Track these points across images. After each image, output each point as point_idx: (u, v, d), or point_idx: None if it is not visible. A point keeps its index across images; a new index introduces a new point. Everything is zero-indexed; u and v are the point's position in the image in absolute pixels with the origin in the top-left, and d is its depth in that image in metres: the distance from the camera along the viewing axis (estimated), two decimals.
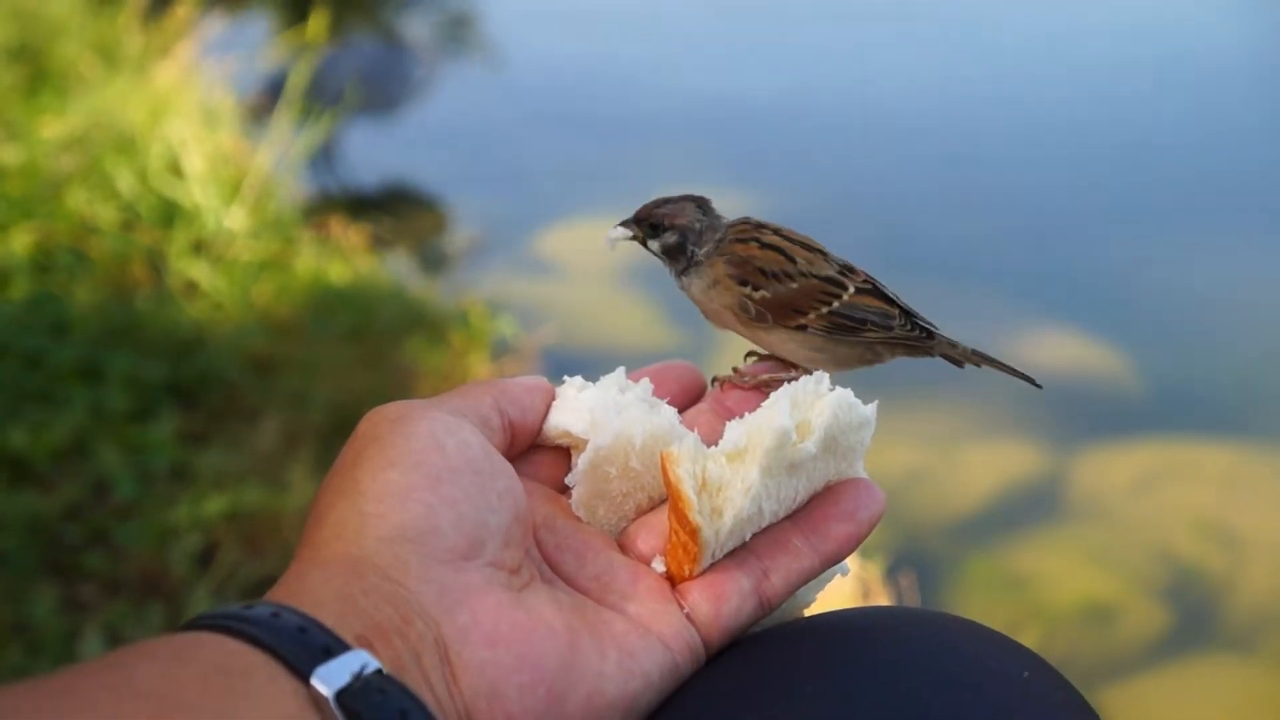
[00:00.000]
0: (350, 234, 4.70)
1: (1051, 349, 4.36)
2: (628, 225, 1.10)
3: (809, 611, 0.92)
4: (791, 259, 1.05)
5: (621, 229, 1.10)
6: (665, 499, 0.86)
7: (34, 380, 3.29)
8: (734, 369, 1.04)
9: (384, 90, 5.91)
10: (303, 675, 0.67)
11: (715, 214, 1.08)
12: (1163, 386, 4.33)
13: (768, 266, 1.04)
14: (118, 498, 3.01)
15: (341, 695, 0.67)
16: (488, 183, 5.72)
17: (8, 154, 4.34)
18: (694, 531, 0.82)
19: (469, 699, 0.73)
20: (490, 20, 8.19)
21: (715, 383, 1.01)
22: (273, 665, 0.67)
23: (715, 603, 0.83)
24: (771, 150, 6.08)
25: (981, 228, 5.32)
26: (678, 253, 1.07)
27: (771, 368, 1.06)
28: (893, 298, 1.08)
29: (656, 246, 1.08)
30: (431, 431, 0.81)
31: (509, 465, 0.84)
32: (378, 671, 0.69)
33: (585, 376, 0.94)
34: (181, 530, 2.92)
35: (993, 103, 6.62)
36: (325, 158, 5.73)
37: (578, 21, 7.59)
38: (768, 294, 1.03)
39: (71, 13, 5.67)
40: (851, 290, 1.05)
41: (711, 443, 0.85)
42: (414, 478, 0.78)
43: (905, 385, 3.89)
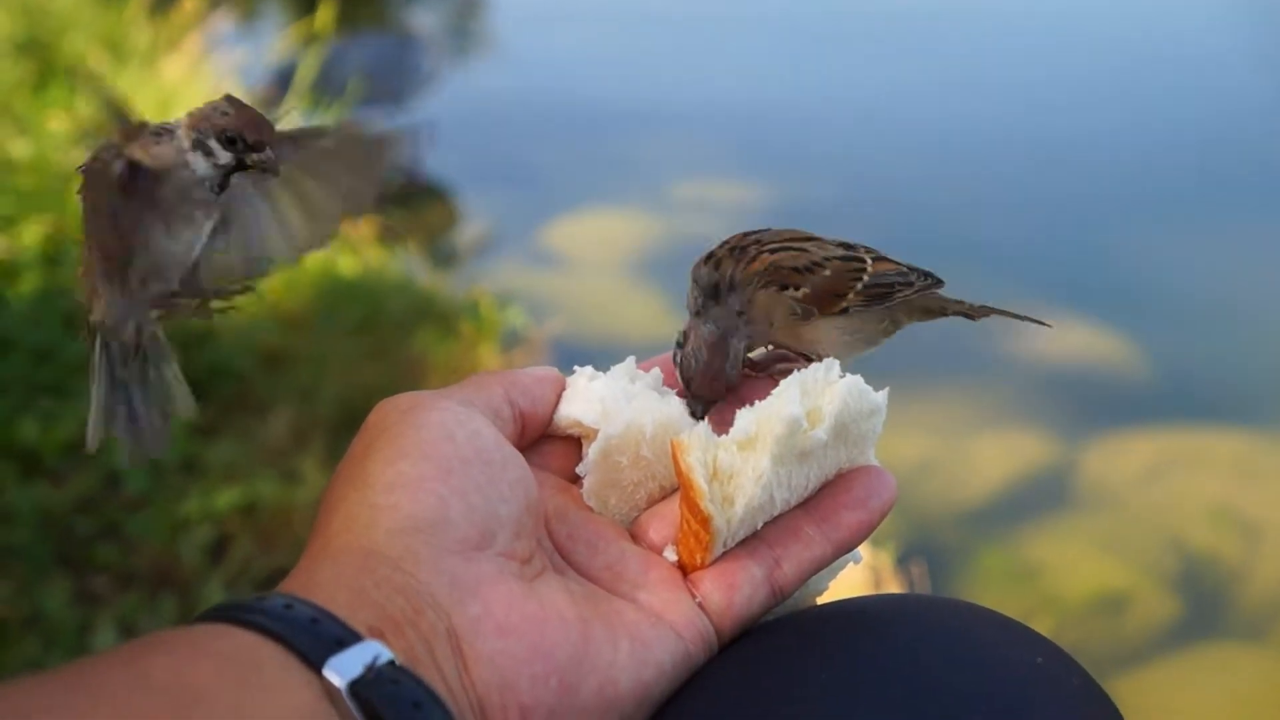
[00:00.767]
0: (359, 226, 4.69)
1: (1062, 338, 4.34)
2: (699, 410, 0.96)
3: (821, 600, 0.92)
4: (804, 250, 1.03)
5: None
6: (677, 488, 0.86)
7: (45, 374, 3.30)
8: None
9: (392, 83, 5.91)
10: (316, 666, 0.67)
11: (725, 312, 1.02)
12: (1173, 375, 4.31)
13: (795, 263, 1.01)
14: (129, 490, 3.02)
15: (355, 686, 0.67)
16: (497, 174, 5.72)
17: (17, 148, 4.34)
18: (705, 520, 0.82)
19: (481, 690, 0.73)
20: (498, 12, 8.19)
21: None
22: (286, 657, 0.67)
23: (727, 591, 0.83)
24: (778, 143, 6.07)
25: (991, 218, 5.31)
26: (732, 336, 0.98)
27: (780, 356, 1.05)
28: (895, 259, 1.07)
29: (736, 360, 0.99)
30: (442, 422, 0.81)
31: (520, 456, 0.83)
32: (390, 663, 0.69)
33: (595, 367, 0.94)
34: (193, 523, 2.92)
35: (1002, 93, 6.60)
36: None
37: (586, 14, 7.59)
38: (808, 289, 1.01)
39: (79, 7, 5.68)
40: (870, 260, 1.04)
41: (722, 431, 0.85)
42: (425, 469, 0.78)
43: (916, 374, 3.89)
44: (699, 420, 0.92)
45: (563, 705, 0.74)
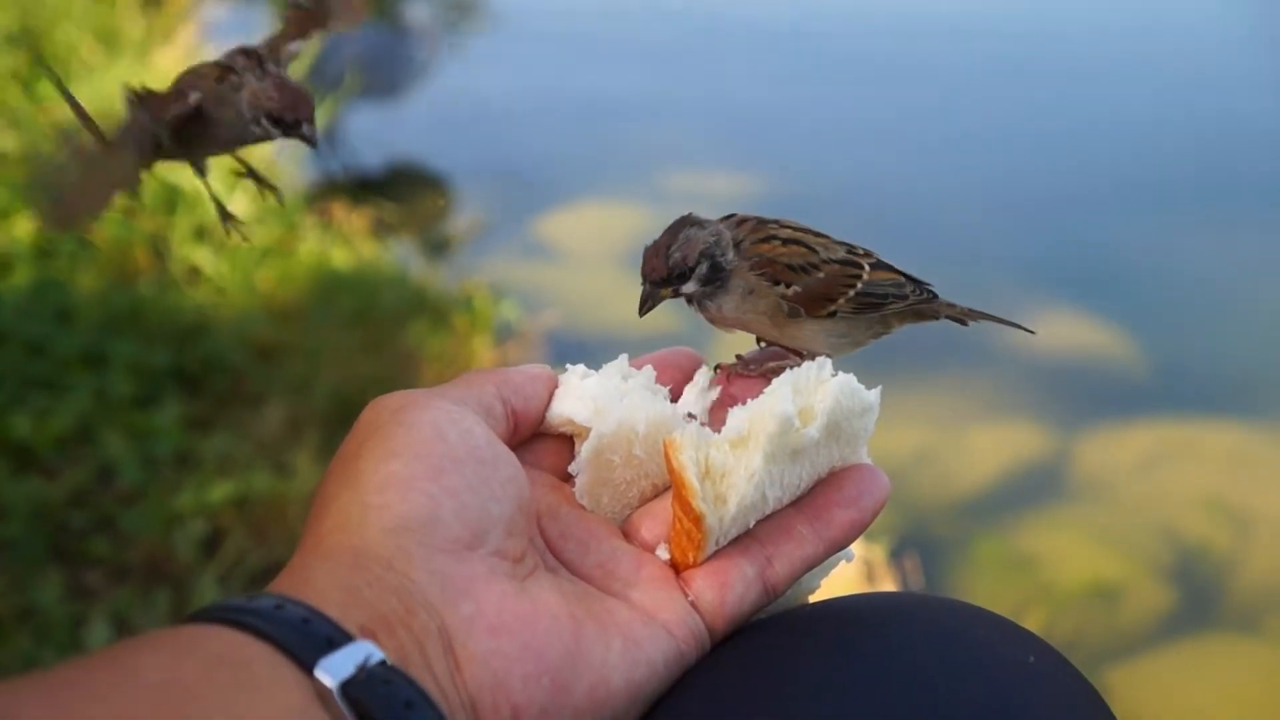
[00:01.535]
0: (353, 219, 4.69)
1: (1055, 330, 4.34)
2: (651, 296, 1.01)
3: (814, 598, 0.92)
4: (813, 249, 1.04)
5: (650, 302, 1.01)
6: (669, 486, 0.86)
7: (38, 367, 3.29)
8: (736, 356, 1.04)
9: (386, 74, 5.88)
10: (307, 667, 0.67)
11: (709, 221, 1.05)
12: (1167, 366, 4.32)
13: (794, 261, 1.03)
14: (123, 484, 3.01)
15: (346, 686, 0.67)
16: (491, 167, 5.70)
17: (9, 140, 4.33)
18: (698, 519, 0.82)
19: (473, 689, 0.73)
20: (492, 3, 8.17)
21: (718, 370, 1.00)
22: (277, 657, 0.67)
23: (720, 590, 0.83)
24: (773, 134, 6.06)
25: (984, 209, 5.30)
26: (714, 275, 1.01)
27: (774, 354, 1.05)
28: (896, 266, 1.08)
29: (693, 286, 1.02)
30: (434, 421, 0.81)
31: (512, 454, 0.83)
32: (382, 663, 0.69)
33: (588, 361, 0.94)
34: (187, 516, 2.92)
35: (995, 85, 6.59)
36: (327, 142, 5.71)
37: (580, 6, 7.57)
38: (799, 289, 1.02)
39: None
40: (868, 268, 1.05)
41: (714, 430, 0.85)
42: (416, 468, 0.78)
43: (910, 366, 3.89)
44: (641, 312, 0.96)
45: (555, 704, 0.74)
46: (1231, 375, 4.27)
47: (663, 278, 0.99)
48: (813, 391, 0.86)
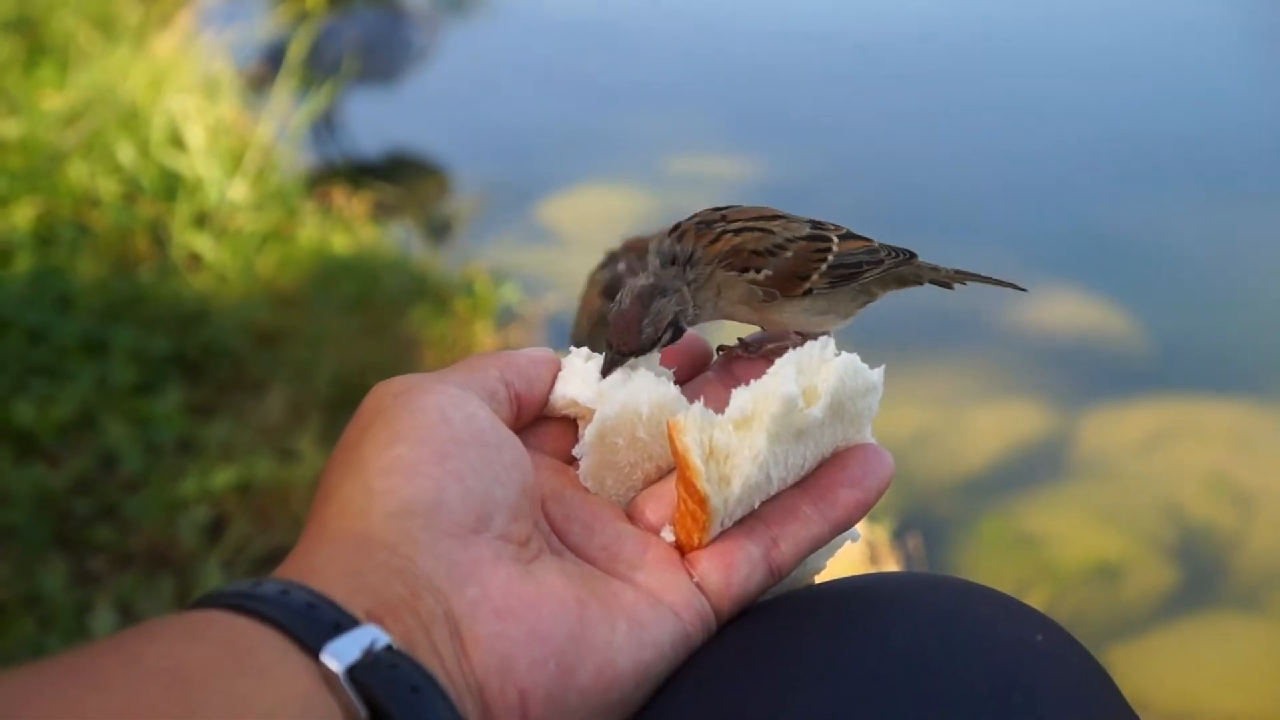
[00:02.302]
0: (353, 204, 4.69)
1: (1057, 308, 4.34)
2: (620, 360, 0.94)
3: (819, 578, 0.92)
4: (769, 231, 1.02)
5: (617, 365, 0.94)
6: (673, 468, 0.86)
7: (39, 355, 3.29)
8: (739, 339, 1.04)
9: (384, 58, 5.87)
10: (313, 652, 0.67)
11: (646, 242, 1.02)
12: (1169, 344, 4.31)
13: (757, 246, 1.00)
14: (125, 471, 3.02)
15: (352, 671, 0.67)
16: (490, 150, 5.70)
17: (8, 128, 4.32)
18: (702, 500, 0.82)
19: (480, 673, 0.72)
20: None
21: (720, 351, 1.00)
22: (283, 642, 0.67)
23: (725, 571, 0.83)
24: (773, 113, 6.05)
25: (985, 187, 5.30)
26: (676, 337, 0.98)
27: (776, 336, 1.05)
28: (866, 237, 1.06)
29: (656, 351, 0.97)
30: (438, 405, 0.80)
31: (516, 438, 0.83)
32: (388, 647, 0.68)
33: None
34: (190, 503, 2.92)
35: (998, 62, 6.58)
36: (326, 127, 5.71)
37: None
38: (770, 271, 1.00)
39: None
40: (836, 240, 1.04)
41: (718, 412, 0.85)
42: (420, 452, 0.77)
43: (912, 345, 3.89)
44: (604, 375, 0.92)
45: (561, 687, 0.74)
46: (1234, 353, 4.27)
47: (633, 350, 0.95)
48: (816, 371, 0.85)
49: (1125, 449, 3.86)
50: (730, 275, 0.99)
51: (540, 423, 0.91)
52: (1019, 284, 1.13)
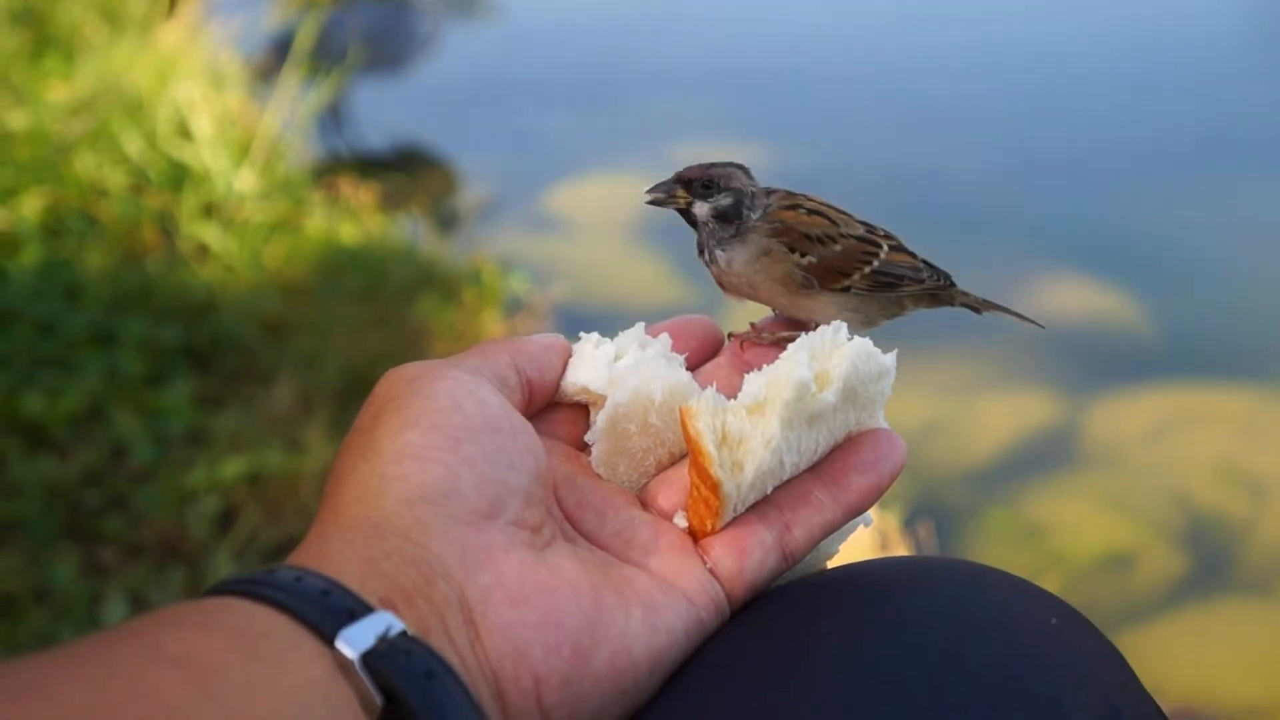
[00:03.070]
0: (360, 194, 4.68)
1: (1065, 297, 4.33)
2: (667, 188, 1.04)
3: (832, 563, 0.91)
4: (834, 222, 1.05)
5: (663, 192, 1.04)
6: (686, 454, 0.85)
7: (48, 347, 3.30)
8: (750, 324, 1.03)
9: (391, 48, 5.87)
10: (328, 638, 0.67)
11: (756, 182, 1.07)
12: (1177, 332, 4.30)
13: (812, 231, 1.03)
14: (135, 462, 3.02)
15: (367, 657, 0.67)
16: (497, 140, 5.69)
17: (15, 119, 4.32)
18: (715, 486, 0.82)
19: (494, 660, 0.72)
20: None
21: (731, 338, 1.00)
22: (297, 629, 0.67)
23: (738, 557, 0.83)
24: (782, 106, 6.04)
25: (995, 177, 5.29)
26: (732, 216, 1.03)
27: (788, 323, 1.05)
28: (914, 251, 1.08)
29: (706, 210, 1.03)
30: (450, 391, 0.80)
31: (528, 424, 0.83)
32: (403, 633, 0.68)
33: (600, 332, 0.93)
34: (200, 494, 2.93)
35: (1005, 52, 6.56)
36: (333, 118, 5.71)
37: None
38: (814, 259, 1.03)
39: None
40: (886, 248, 1.06)
41: (730, 398, 0.84)
42: (433, 438, 0.77)
43: (921, 336, 3.88)
44: (648, 199, 1.02)
45: (576, 673, 0.74)
46: (1242, 340, 4.26)
47: (693, 179, 1.02)
48: (829, 356, 0.85)
49: (1135, 437, 3.85)
50: (779, 247, 1.01)
51: (552, 409, 0.91)
52: (1039, 321, 1.19)
